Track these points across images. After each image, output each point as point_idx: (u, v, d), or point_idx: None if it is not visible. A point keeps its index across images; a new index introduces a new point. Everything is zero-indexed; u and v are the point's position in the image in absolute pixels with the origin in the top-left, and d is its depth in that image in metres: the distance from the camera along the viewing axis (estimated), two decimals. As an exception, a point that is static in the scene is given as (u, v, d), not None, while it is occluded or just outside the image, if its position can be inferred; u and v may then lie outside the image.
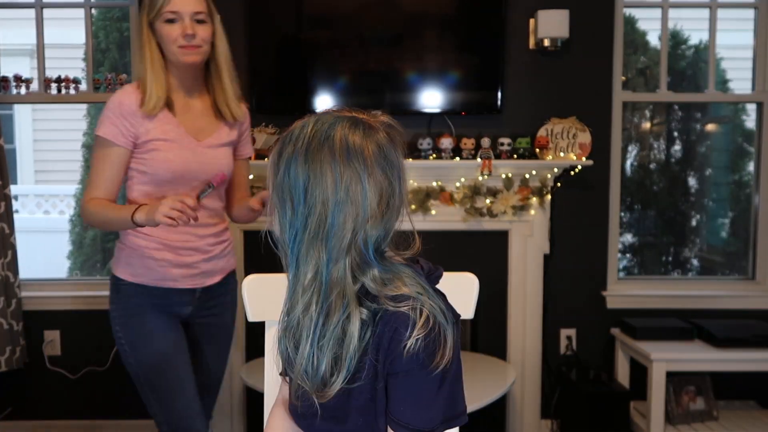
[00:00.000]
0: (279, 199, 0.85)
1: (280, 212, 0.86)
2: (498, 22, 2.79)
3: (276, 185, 0.85)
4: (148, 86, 1.63)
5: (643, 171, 3.24)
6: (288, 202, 0.84)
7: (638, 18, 3.12)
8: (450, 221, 2.84)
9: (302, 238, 0.84)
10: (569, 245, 2.97)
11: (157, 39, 1.65)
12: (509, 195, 2.84)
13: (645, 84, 3.17)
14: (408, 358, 0.80)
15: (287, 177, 0.84)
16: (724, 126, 3.30)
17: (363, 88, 2.85)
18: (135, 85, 1.68)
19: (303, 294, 0.85)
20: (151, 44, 1.64)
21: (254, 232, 2.89)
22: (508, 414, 2.99)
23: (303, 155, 0.83)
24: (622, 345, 2.92)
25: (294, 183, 0.83)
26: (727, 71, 3.19)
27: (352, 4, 2.80)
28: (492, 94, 2.82)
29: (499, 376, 2.62)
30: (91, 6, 3.04)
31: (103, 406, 3.00)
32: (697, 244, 3.31)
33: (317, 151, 0.83)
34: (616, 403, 2.72)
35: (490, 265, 2.93)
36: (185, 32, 1.60)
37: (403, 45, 2.81)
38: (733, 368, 2.75)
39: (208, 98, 1.75)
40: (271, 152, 0.87)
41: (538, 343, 2.96)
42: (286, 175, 0.84)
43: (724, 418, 2.86)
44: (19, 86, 2.92)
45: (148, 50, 1.65)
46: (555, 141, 2.84)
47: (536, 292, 2.94)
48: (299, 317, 0.86)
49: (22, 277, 2.90)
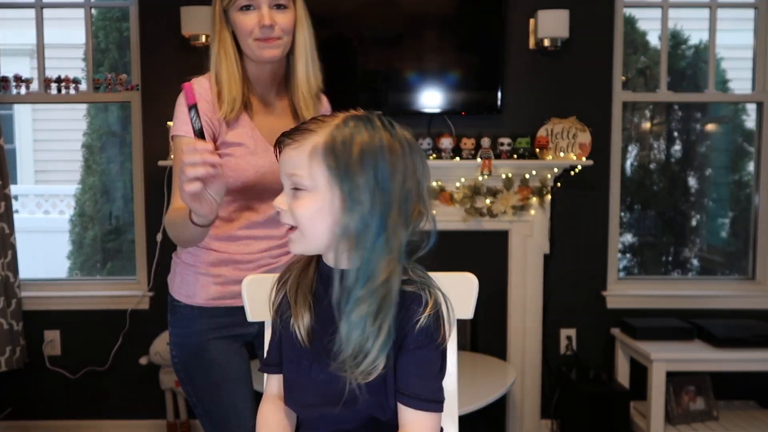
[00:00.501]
0: (355, 193, 0.86)
1: (361, 206, 0.86)
2: (498, 22, 2.79)
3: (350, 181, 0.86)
4: (224, 86, 1.42)
5: (643, 171, 3.23)
6: (366, 195, 0.85)
7: (638, 18, 3.12)
8: (450, 221, 2.84)
9: (384, 225, 0.86)
10: (569, 245, 2.97)
11: (231, 29, 1.44)
12: (509, 195, 2.83)
13: (645, 84, 3.17)
14: (419, 332, 0.88)
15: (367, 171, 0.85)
16: (724, 126, 3.30)
17: (363, 88, 2.85)
18: (208, 76, 1.45)
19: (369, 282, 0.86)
20: (224, 36, 1.44)
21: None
22: (508, 414, 2.99)
23: (379, 151, 0.86)
24: (622, 345, 2.92)
25: (376, 176, 0.86)
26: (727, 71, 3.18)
27: (352, 4, 2.80)
28: (492, 94, 2.82)
29: (499, 376, 2.62)
30: (91, 6, 3.04)
31: (103, 406, 3.00)
32: (697, 244, 3.31)
33: (391, 146, 0.87)
34: (616, 403, 2.72)
35: (490, 265, 2.93)
36: (262, 23, 1.37)
37: (403, 45, 2.81)
38: (733, 368, 2.75)
39: (286, 96, 1.55)
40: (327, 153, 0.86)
41: (538, 343, 2.96)
42: (365, 171, 0.85)
43: (724, 418, 2.86)
44: (19, 86, 2.92)
45: (220, 43, 1.44)
46: (555, 141, 2.84)
47: (536, 292, 2.94)
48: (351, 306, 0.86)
49: (22, 277, 2.90)
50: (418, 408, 0.88)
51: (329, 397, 0.91)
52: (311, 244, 0.91)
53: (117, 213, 3.17)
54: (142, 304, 2.97)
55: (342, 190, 0.85)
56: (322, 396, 0.92)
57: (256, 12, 1.38)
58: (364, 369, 0.86)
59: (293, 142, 0.89)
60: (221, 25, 1.44)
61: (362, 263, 0.86)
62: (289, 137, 0.90)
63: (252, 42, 1.40)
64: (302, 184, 0.88)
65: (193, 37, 2.77)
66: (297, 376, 0.95)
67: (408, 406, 0.89)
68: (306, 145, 0.88)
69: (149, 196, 2.96)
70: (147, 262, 2.98)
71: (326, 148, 0.86)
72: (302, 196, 0.88)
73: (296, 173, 0.88)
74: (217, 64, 1.44)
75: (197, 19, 2.73)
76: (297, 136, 0.89)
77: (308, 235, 0.89)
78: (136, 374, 2.98)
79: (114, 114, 3.09)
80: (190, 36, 2.77)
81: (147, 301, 2.97)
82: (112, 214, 3.20)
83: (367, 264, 0.85)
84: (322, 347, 0.92)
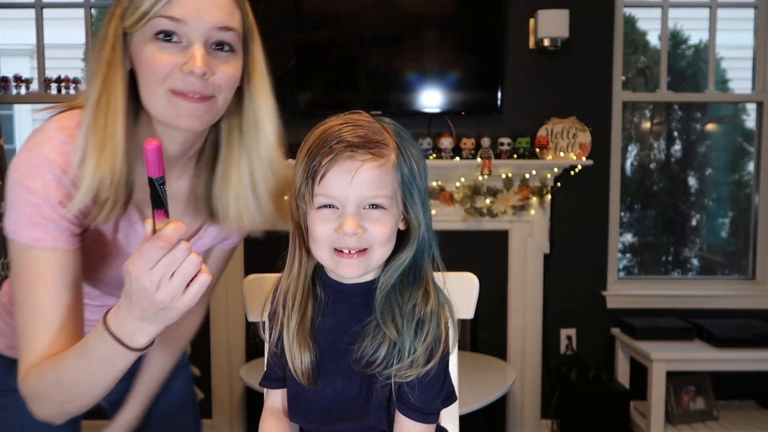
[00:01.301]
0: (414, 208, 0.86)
1: (416, 208, 0.86)
2: (498, 22, 2.79)
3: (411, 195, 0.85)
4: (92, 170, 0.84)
5: (643, 171, 3.23)
6: (416, 196, 0.85)
7: (638, 18, 3.11)
8: (450, 221, 2.84)
9: (429, 226, 0.88)
10: (569, 245, 2.97)
11: (128, 64, 0.87)
12: (509, 195, 2.83)
13: (645, 84, 3.17)
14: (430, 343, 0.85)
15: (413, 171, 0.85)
16: (724, 126, 3.29)
17: (363, 88, 2.85)
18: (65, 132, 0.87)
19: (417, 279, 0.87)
20: (115, 72, 0.86)
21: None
22: (508, 414, 2.99)
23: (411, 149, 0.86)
24: (622, 345, 2.92)
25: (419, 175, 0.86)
26: (727, 71, 3.18)
27: (352, 4, 2.80)
28: (492, 94, 2.82)
29: (499, 376, 2.62)
30: (91, 6, 3.04)
31: (103, 406, 3.00)
32: (697, 244, 3.31)
33: (411, 144, 0.86)
34: (616, 403, 2.72)
35: (490, 265, 2.93)
36: (190, 67, 0.84)
37: (403, 45, 2.81)
38: (733, 368, 2.75)
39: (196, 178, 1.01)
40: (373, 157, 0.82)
41: (538, 343, 2.96)
42: (421, 182, 0.86)
43: (724, 418, 2.86)
44: (19, 86, 2.92)
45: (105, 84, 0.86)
46: (555, 141, 2.83)
47: (536, 292, 2.94)
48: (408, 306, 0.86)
49: (22, 277, 2.89)
50: (419, 420, 0.87)
51: (336, 411, 0.89)
52: (375, 264, 0.85)
53: (117, 213, 3.19)
54: (142, 304, 2.97)
55: (404, 203, 0.85)
56: (329, 410, 0.90)
57: (180, 48, 0.85)
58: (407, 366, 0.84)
59: (376, 158, 0.80)
60: (113, 52, 0.86)
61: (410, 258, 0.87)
62: (369, 151, 0.80)
63: (164, 93, 0.86)
64: (385, 203, 0.82)
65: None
66: (303, 390, 0.92)
67: (408, 417, 0.87)
68: (389, 161, 0.82)
69: (149, 196, 2.95)
70: (147, 262, 2.97)
71: (399, 163, 0.83)
72: (381, 215, 0.82)
73: (381, 194, 0.81)
74: (91, 121, 0.85)
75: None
76: (374, 149, 0.80)
77: (377, 256, 0.84)
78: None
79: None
80: (190, 36, 2.77)
81: (147, 301, 2.97)
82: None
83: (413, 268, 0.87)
84: (332, 362, 0.89)
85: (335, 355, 0.88)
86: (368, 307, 0.86)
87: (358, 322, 0.86)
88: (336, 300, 0.89)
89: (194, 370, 2.98)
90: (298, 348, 0.87)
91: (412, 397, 0.86)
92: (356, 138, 0.80)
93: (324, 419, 0.91)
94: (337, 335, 0.88)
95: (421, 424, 0.87)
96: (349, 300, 0.89)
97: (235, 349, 2.97)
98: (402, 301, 0.85)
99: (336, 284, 0.89)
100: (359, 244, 0.81)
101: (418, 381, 0.85)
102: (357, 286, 0.88)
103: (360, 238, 0.81)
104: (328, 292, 0.90)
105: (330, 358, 0.89)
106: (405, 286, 0.86)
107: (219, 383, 2.98)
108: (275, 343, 0.92)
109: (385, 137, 0.83)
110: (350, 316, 0.88)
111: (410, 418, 0.87)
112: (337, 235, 0.81)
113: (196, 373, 2.98)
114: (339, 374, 0.88)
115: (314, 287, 0.91)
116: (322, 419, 0.91)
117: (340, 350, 0.87)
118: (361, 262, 0.82)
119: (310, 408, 0.91)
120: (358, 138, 0.80)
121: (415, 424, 0.87)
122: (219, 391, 2.98)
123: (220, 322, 2.95)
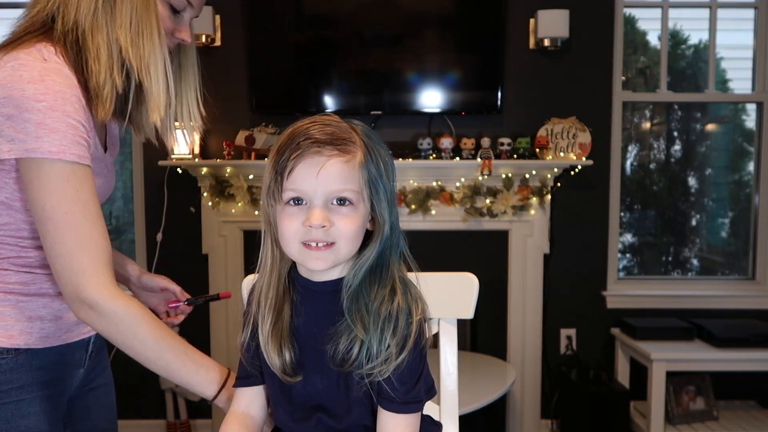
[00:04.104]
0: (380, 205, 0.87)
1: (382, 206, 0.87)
2: (498, 22, 2.79)
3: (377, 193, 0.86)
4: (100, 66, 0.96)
5: (643, 171, 3.23)
6: (383, 195, 0.87)
7: (638, 18, 3.11)
8: (450, 221, 2.84)
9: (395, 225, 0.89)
10: (569, 245, 2.97)
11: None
12: (509, 195, 2.83)
13: (645, 84, 3.17)
14: (405, 339, 0.86)
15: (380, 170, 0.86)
16: (724, 126, 3.29)
17: (363, 88, 2.85)
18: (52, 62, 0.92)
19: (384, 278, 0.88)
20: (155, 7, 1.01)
21: (253, 232, 2.89)
22: (508, 414, 2.99)
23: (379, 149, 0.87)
24: (622, 345, 2.92)
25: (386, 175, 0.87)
26: (727, 71, 3.18)
27: (352, 4, 2.80)
28: (492, 94, 2.82)
29: (499, 376, 2.62)
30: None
31: (103, 406, 3.00)
32: (697, 244, 3.31)
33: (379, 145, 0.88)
34: (616, 403, 2.72)
35: (490, 265, 2.93)
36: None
37: (403, 45, 2.81)
38: (733, 368, 2.75)
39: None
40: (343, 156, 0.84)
41: (538, 343, 2.96)
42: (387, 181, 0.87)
43: (724, 418, 2.86)
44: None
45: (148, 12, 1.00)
46: (555, 141, 2.83)
47: (536, 292, 2.94)
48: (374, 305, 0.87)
49: (22, 277, 2.89)
50: (399, 411, 0.88)
51: (318, 410, 0.90)
52: (342, 258, 0.87)
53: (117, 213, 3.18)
54: (142, 304, 2.97)
55: (371, 202, 0.86)
56: (311, 409, 0.91)
57: None
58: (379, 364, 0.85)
59: (342, 154, 0.83)
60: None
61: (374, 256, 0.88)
62: (335, 147, 0.83)
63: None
64: (351, 199, 0.84)
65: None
66: (282, 393, 0.93)
67: (388, 410, 0.88)
68: (356, 158, 0.84)
69: (149, 196, 2.96)
70: (147, 262, 2.98)
71: (366, 161, 0.85)
72: (349, 211, 0.84)
73: (348, 188, 0.83)
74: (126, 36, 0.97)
75: (197, 19, 2.73)
76: (341, 146, 0.83)
77: (344, 251, 0.85)
78: (136, 374, 2.97)
79: (114, 114, 3.10)
80: (190, 36, 2.77)
81: (147, 301, 2.97)
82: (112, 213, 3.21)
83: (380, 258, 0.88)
84: (310, 361, 0.90)
85: (312, 354, 0.89)
86: (339, 306, 0.88)
87: (331, 321, 0.87)
88: (307, 299, 0.91)
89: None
90: (274, 347, 0.89)
91: (390, 390, 0.87)
92: (324, 135, 0.83)
93: (307, 418, 0.91)
94: (312, 335, 0.89)
95: (402, 414, 0.88)
96: (319, 298, 0.90)
97: (234, 349, 2.96)
98: (368, 300, 0.86)
99: (307, 282, 0.91)
100: (326, 237, 0.84)
101: (393, 374, 0.86)
102: (326, 284, 0.90)
103: (326, 232, 0.83)
104: (300, 291, 0.91)
105: (307, 357, 0.90)
106: (372, 285, 0.88)
107: (219, 383, 2.97)
108: (247, 339, 0.94)
109: (353, 136, 0.85)
110: (324, 315, 0.89)
111: (390, 410, 0.88)
112: (305, 229, 0.83)
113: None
114: (318, 373, 0.89)
115: (291, 287, 0.93)
116: (305, 418, 0.92)
117: (317, 349, 0.88)
118: (328, 254, 0.84)
119: (293, 408, 0.92)
120: (325, 135, 0.83)
121: (396, 416, 0.88)
122: (219, 391, 2.97)
123: (220, 322, 2.95)
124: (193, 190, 2.90)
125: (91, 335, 1.11)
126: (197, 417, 3.02)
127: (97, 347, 1.14)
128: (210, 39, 2.81)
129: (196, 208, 2.94)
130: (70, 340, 1.06)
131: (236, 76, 2.86)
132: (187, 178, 2.88)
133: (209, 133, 2.91)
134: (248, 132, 2.83)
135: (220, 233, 2.92)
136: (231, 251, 2.92)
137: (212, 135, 2.91)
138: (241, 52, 2.85)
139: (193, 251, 2.93)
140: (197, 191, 2.90)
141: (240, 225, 2.90)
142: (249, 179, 2.82)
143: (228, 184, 2.84)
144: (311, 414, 0.91)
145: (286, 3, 2.83)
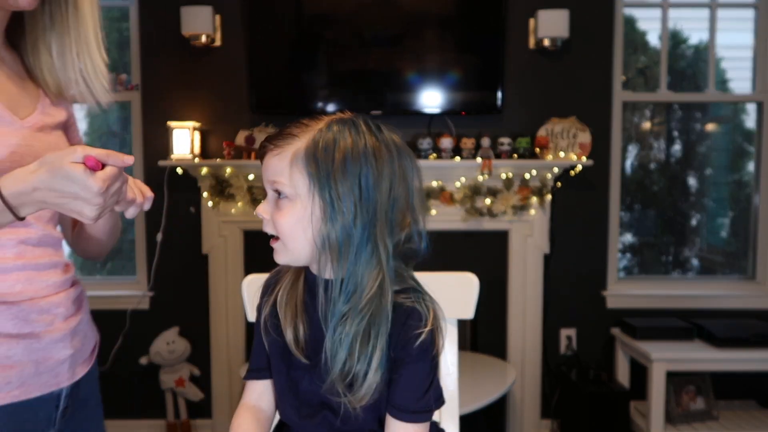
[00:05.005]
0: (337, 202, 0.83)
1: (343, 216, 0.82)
2: (498, 22, 2.79)
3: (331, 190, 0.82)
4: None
5: (643, 171, 3.23)
6: (349, 203, 0.82)
7: (638, 18, 3.11)
8: (450, 221, 2.84)
9: (369, 235, 0.83)
10: (569, 245, 2.97)
11: None
12: (509, 195, 2.83)
13: (645, 84, 3.16)
14: (418, 347, 0.85)
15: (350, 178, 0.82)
16: (724, 126, 3.29)
17: (363, 88, 2.85)
18: None
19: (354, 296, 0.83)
20: None
21: (254, 232, 2.89)
22: (508, 414, 2.99)
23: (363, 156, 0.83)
24: (622, 345, 2.92)
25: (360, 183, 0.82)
26: (727, 71, 3.18)
27: (352, 4, 2.80)
28: (492, 94, 2.82)
29: (499, 376, 2.62)
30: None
31: (103, 405, 2.99)
32: (697, 244, 3.31)
33: (377, 152, 0.83)
34: (616, 403, 2.72)
35: (490, 265, 2.93)
36: None
37: (403, 45, 2.81)
38: (733, 368, 2.75)
39: (15, 53, 1.00)
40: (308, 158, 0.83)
41: (538, 343, 2.96)
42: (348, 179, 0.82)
43: (724, 418, 2.86)
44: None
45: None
46: (555, 141, 2.83)
47: (536, 292, 2.94)
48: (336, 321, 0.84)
49: (22, 277, 2.89)
50: (408, 420, 0.87)
51: (324, 408, 0.89)
52: (294, 255, 0.86)
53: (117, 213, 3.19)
54: (142, 304, 2.97)
55: (323, 199, 0.82)
56: (317, 406, 0.90)
57: None
58: (360, 394, 0.84)
59: (275, 148, 0.85)
60: None
61: (346, 276, 0.83)
62: (271, 142, 0.86)
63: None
64: (284, 192, 0.84)
65: (192, 37, 2.77)
66: (288, 388, 0.93)
67: (396, 419, 0.87)
68: (288, 151, 0.84)
69: (149, 196, 2.96)
70: (147, 262, 2.98)
71: (307, 155, 0.82)
72: (284, 205, 0.85)
73: (277, 180, 0.84)
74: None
75: (197, 19, 2.73)
76: (279, 141, 0.85)
77: (290, 246, 0.85)
78: (136, 374, 2.98)
79: (114, 114, 3.09)
80: (190, 36, 2.77)
81: (147, 301, 2.97)
82: (112, 214, 3.22)
83: (351, 277, 0.82)
84: (314, 359, 0.89)
85: (317, 355, 0.88)
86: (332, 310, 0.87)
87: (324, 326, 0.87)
88: (313, 297, 0.90)
89: (194, 370, 2.98)
90: (288, 313, 0.90)
91: (398, 397, 0.86)
92: (276, 132, 0.88)
93: (312, 415, 0.91)
94: (318, 334, 0.88)
95: (412, 424, 0.87)
96: (315, 295, 0.88)
97: (234, 349, 2.97)
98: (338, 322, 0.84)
99: (310, 276, 0.92)
100: (270, 230, 0.87)
101: (407, 380, 0.86)
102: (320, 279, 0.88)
103: (269, 224, 0.87)
104: (309, 289, 0.92)
105: (318, 343, 0.89)
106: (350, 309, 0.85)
107: (219, 383, 2.98)
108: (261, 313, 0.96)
109: (302, 131, 0.85)
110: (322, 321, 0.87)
111: (399, 419, 0.87)
112: None
113: (195, 373, 2.98)
114: (323, 376, 0.88)
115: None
116: (310, 415, 0.91)
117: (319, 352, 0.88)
118: (279, 247, 0.87)
119: (299, 403, 0.92)
120: (276, 131, 0.87)
121: (405, 425, 0.87)
122: (219, 391, 2.98)
123: (220, 323, 2.96)
124: (193, 190, 2.90)
125: (62, 387, 0.90)
126: (197, 417, 3.02)
127: (76, 400, 0.96)
128: (210, 39, 2.81)
129: (196, 208, 2.94)
130: (28, 395, 0.85)
131: (236, 76, 2.86)
132: (187, 178, 2.88)
133: (209, 133, 2.91)
134: (248, 132, 2.83)
135: (220, 233, 2.92)
136: (231, 251, 2.92)
137: (212, 135, 2.91)
138: (241, 52, 2.85)
139: (193, 251, 2.93)
140: (197, 191, 2.90)
141: (240, 225, 2.91)
142: (249, 179, 2.82)
143: (228, 184, 2.84)
144: (317, 411, 0.90)
145: (286, 3, 2.83)
